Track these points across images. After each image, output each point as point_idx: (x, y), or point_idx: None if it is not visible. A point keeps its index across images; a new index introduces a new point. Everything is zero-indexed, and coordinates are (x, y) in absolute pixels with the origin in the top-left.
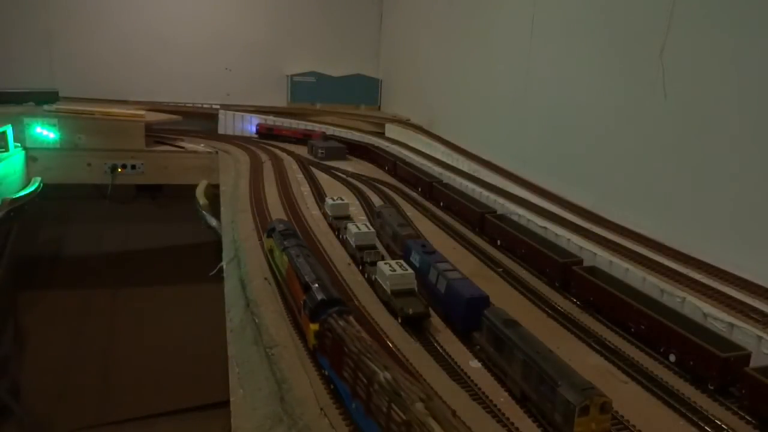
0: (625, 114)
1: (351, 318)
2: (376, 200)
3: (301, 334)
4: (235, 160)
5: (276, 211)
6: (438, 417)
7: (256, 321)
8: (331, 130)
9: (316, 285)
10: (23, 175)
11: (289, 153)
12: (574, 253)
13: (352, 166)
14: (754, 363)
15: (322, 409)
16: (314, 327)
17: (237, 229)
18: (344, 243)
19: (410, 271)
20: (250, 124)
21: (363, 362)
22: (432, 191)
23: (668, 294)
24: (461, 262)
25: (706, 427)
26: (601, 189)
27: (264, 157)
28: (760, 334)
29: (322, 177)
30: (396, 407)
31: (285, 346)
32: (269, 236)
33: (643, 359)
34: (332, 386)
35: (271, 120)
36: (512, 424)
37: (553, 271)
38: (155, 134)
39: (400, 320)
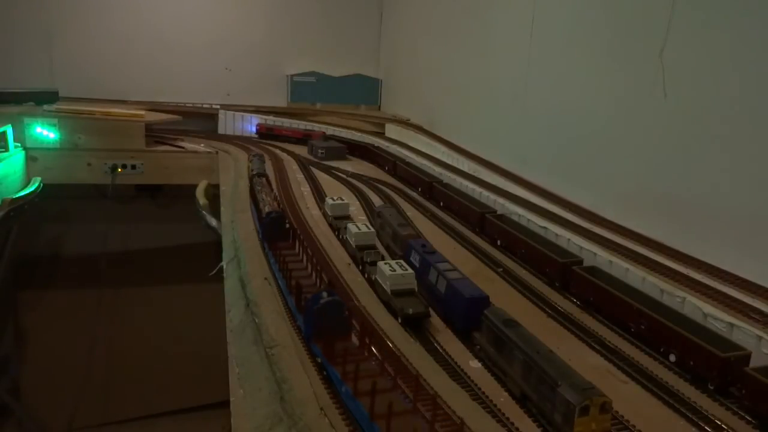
0: (626, 114)
1: (263, 178)
2: (376, 200)
3: (300, 334)
4: (235, 159)
5: None
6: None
7: (256, 321)
8: (331, 130)
9: (257, 169)
10: (23, 175)
11: (289, 153)
12: (574, 253)
13: (352, 166)
14: (754, 363)
15: (322, 409)
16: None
17: (237, 229)
18: (344, 243)
19: (410, 271)
20: (250, 124)
21: (258, 190)
22: (432, 191)
23: (668, 294)
24: (461, 262)
25: (706, 427)
26: (601, 189)
27: (264, 157)
28: (760, 334)
29: (322, 177)
30: (260, 203)
31: (285, 346)
32: (249, 161)
33: (643, 359)
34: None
35: (271, 120)
36: (512, 424)
37: (553, 271)
38: (155, 134)
39: (400, 320)
